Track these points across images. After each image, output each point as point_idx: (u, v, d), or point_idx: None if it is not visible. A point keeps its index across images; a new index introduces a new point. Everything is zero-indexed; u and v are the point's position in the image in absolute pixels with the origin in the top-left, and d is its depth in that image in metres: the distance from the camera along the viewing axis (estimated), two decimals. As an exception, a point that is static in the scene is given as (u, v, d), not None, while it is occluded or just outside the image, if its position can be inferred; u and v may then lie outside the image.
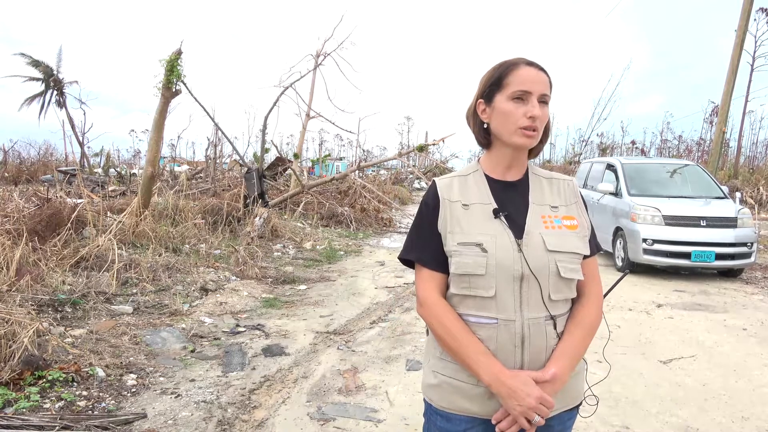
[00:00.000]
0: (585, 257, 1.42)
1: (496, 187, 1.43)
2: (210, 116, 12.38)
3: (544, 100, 1.36)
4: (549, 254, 1.34)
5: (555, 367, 1.32)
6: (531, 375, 1.31)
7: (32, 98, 29.71)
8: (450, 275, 1.39)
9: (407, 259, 1.48)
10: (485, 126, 1.43)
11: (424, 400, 1.48)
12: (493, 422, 1.34)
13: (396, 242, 10.53)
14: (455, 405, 1.39)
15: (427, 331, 1.47)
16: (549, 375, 1.31)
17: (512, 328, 1.33)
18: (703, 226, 7.53)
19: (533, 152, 1.46)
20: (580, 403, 1.48)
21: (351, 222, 12.15)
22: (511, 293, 1.33)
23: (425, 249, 1.42)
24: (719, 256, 7.42)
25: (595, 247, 1.47)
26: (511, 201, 1.41)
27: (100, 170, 18.18)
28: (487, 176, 1.45)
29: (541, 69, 1.38)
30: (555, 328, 1.37)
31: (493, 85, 1.39)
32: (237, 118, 51.17)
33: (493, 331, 1.34)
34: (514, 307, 1.33)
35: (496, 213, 1.38)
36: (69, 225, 6.57)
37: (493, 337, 1.34)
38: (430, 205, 1.43)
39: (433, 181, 1.48)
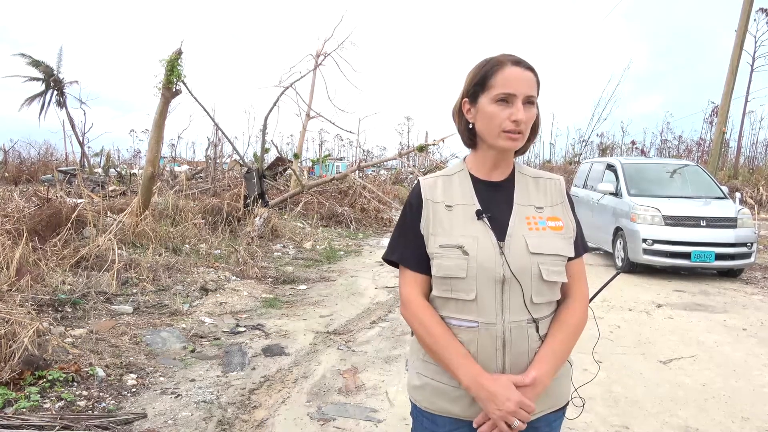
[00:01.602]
0: (570, 259, 1.40)
1: (481, 187, 1.40)
2: (210, 116, 12.38)
3: (530, 101, 1.32)
4: (531, 257, 1.32)
5: (536, 371, 1.31)
6: (511, 379, 1.29)
7: (32, 98, 29.70)
8: (432, 277, 1.38)
9: (391, 260, 1.46)
10: (470, 126, 1.40)
11: (410, 400, 1.48)
12: (474, 426, 1.34)
13: (396, 242, 10.51)
14: (438, 407, 1.39)
15: (412, 332, 1.46)
16: (529, 379, 1.29)
17: (493, 331, 1.31)
18: (703, 227, 7.53)
19: (519, 150, 1.43)
20: (567, 405, 1.47)
21: (351, 222, 12.16)
22: (493, 296, 1.31)
23: (408, 250, 1.41)
24: (719, 257, 7.42)
25: (581, 248, 1.44)
26: (495, 202, 1.39)
27: (100, 170, 18.17)
28: (472, 176, 1.42)
29: (528, 67, 1.33)
30: (537, 331, 1.35)
31: (478, 85, 1.35)
32: (237, 118, 51.19)
33: (474, 334, 1.32)
34: (495, 311, 1.31)
35: (479, 214, 1.35)
36: (69, 225, 6.57)
37: (474, 341, 1.32)
38: (414, 206, 1.41)
39: (418, 180, 1.45)
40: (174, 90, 8.30)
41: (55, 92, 29.65)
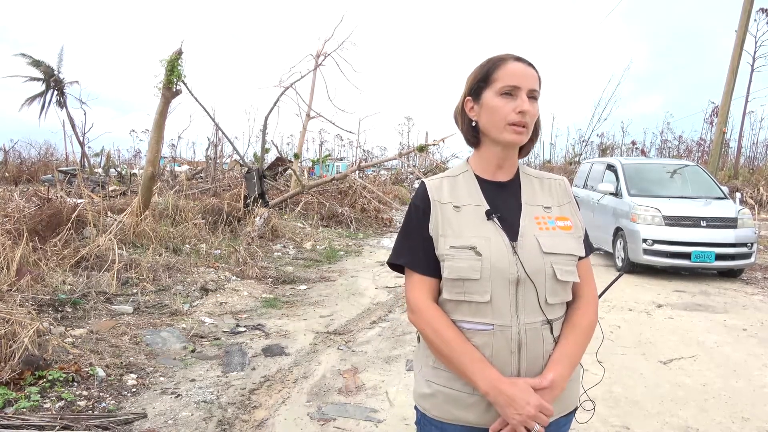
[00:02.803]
0: (579, 258, 1.39)
1: (487, 187, 1.39)
2: (210, 116, 12.39)
3: (533, 96, 1.32)
4: (545, 257, 1.31)
5: (553, 373, 1.29)
6: (529, 382, 1.27)
7: (33, 98, 29.74)
8: (442, 280, 1.35)
9: (397, 264, 1.43)
10: (474, 124, 1.39)
11: (416, 408, 1.44)
12: None
13: (396, 242, 10.52)
14: (451, 415, 1.35)
15: (419, 337, 1.43)
16: (547, 381, 1.27)
17: (508, 333, 1.29)
18: (704, 227, 7.53)
19: (523, 151, 1.42)
20: (576, 408, 1.45)
21: (351, 222, 12.15)
22: (507, 298, 1.29)
23: (415, 253, 1.37)
24: (719, 257, 7.42)
25: (588, 248, 1.44)
26: (503, 202, 1.37)
27: (100, 170, 18.18)
28: (477, 176, 1.40)
29: (530, 64, 1.34)
30: (552, 332, 1.33)
31: (481, 81, 1.35)
32: (237, 118, 51.27)
33: (489, 337, 1.30)
34: (510, 313, 1.29)
35: (488, 214, 1.33)
36: (69, 225, 6.58)
37: (489, 344, 1.30)
38: (420, 208, 1.38)
39: (422, 182, 1.43)
40: (174, 90, 8.30)
41: (56, 92, 29.68)
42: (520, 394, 1.25)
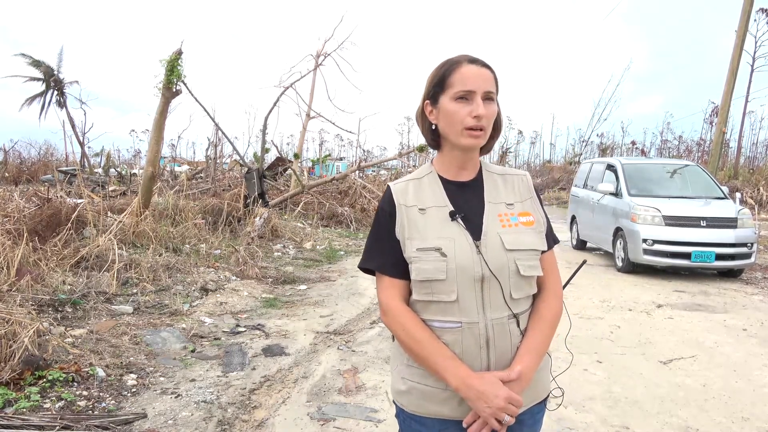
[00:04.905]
0: (542, 252, 1.43)
1: (451, 188, 1.42)
2: (210, 116, 12.38)
3: (489, 97, 1.34)
4: (508, 253, 1.34)
5: (520, 365, 1.33)
6: (497, 375, 1.31)
7: (33, 98, 29.75)
8: (411, 282, 1.38)
9: (368, 268, 1.46)
10: (433, 127, 1.42)
11: (395, 403, 1.48)
12: (465, 426, 1.34)
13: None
14: (426, 409, 1.39)
15: (393, 337, 1.47)
16: (515, 374, 1.32)
17: (476, 330, 1.33)
18: (703, 227, 7.53)
19: (485, 149, 1.44)
20: (548, 396, 1.50)
21: (351, 222, 12.16)
22: (473, 296, 1.33)
23: (385, 256, 1.41)
24: (719, 257, 7.42)
25: (552, 241, 1.48)
26: (466, 202, 1.40)
27: (100, 170, 18.17)
28: (441, 178, 1.44)
29: (485, 65, 1.36)
30: (518, 325, 1.37)
31: (437, 86, 1.38)
32: (237, 118, 51.29)
33: (458, 334, 1.34)
34: (477, 310, 1.33)
35: (452, 215, 1.37)
36: (69, 225, 6.57)
37: (458, 341, 1.34)
38: (387, 212, 1.41)
39: (388, 186, 1.46)
40: (174, 90, 8.30)
41: (56, 92, 29.69)
42: (489, 388, 1.29)
